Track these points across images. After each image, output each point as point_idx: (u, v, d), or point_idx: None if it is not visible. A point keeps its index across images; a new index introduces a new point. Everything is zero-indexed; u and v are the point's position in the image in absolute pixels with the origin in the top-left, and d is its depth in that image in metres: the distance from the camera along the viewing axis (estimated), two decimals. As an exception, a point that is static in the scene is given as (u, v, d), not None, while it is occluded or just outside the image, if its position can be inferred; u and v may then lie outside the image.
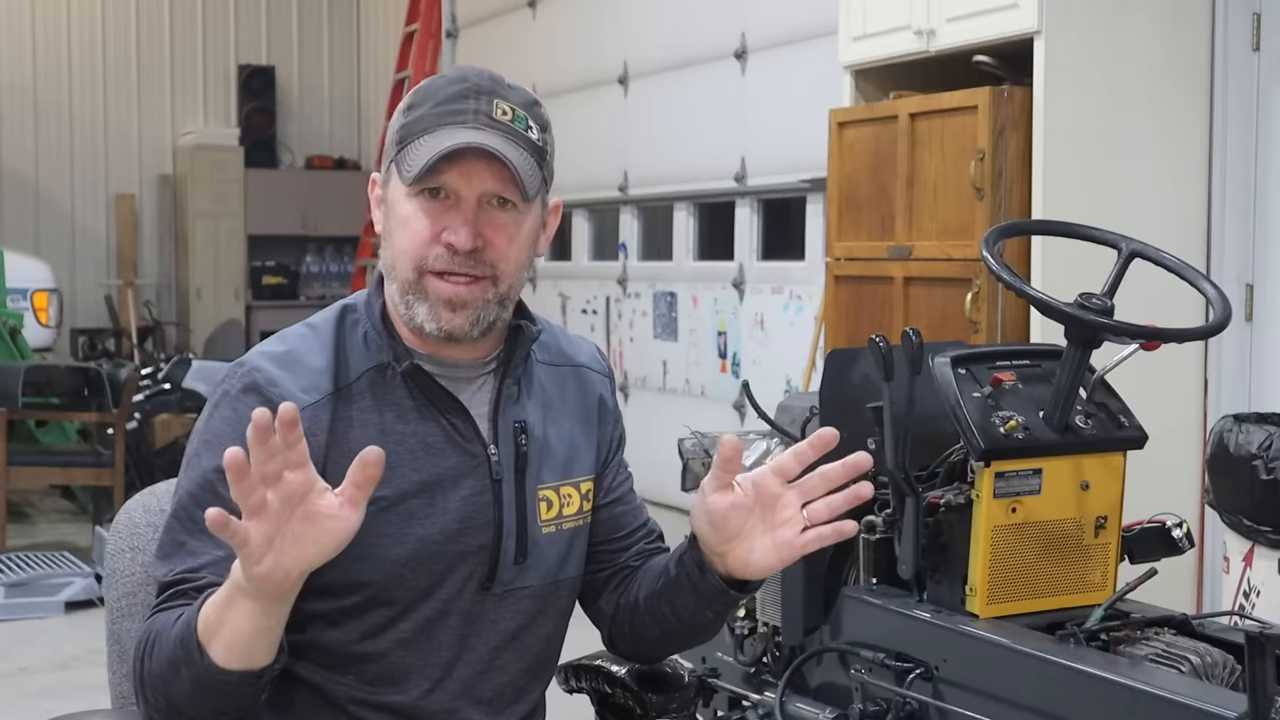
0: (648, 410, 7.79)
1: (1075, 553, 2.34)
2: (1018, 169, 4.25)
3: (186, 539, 1.67)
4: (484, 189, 1.70)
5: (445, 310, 1.71)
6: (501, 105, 1.73)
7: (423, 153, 1.68)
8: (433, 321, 1.71)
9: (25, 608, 5.78)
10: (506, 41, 9.66)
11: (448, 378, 1.77)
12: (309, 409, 1.69)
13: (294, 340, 1.77)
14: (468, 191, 1.70)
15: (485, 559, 1.76)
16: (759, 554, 1.68)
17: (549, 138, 1.78)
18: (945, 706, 2.21)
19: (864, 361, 2.46)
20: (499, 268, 1.72)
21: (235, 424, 1.68)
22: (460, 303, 1.71)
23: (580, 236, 8.97)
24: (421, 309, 1.72)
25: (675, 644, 1.93)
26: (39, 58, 11.94)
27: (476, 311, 1.72)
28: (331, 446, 1.70)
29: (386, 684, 1.74)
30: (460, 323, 1.71)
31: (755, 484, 1.66)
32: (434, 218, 1.70)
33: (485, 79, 1.76)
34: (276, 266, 12.29)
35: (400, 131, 1.74)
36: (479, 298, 1.71)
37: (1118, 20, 4.33)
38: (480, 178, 1.70)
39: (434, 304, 1.71)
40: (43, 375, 7.38)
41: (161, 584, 1.67)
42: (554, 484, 1.82)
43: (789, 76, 6.76)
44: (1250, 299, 4.41)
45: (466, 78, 1.76)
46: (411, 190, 1.71)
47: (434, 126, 1.70)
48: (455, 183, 1.70)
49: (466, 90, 1.73)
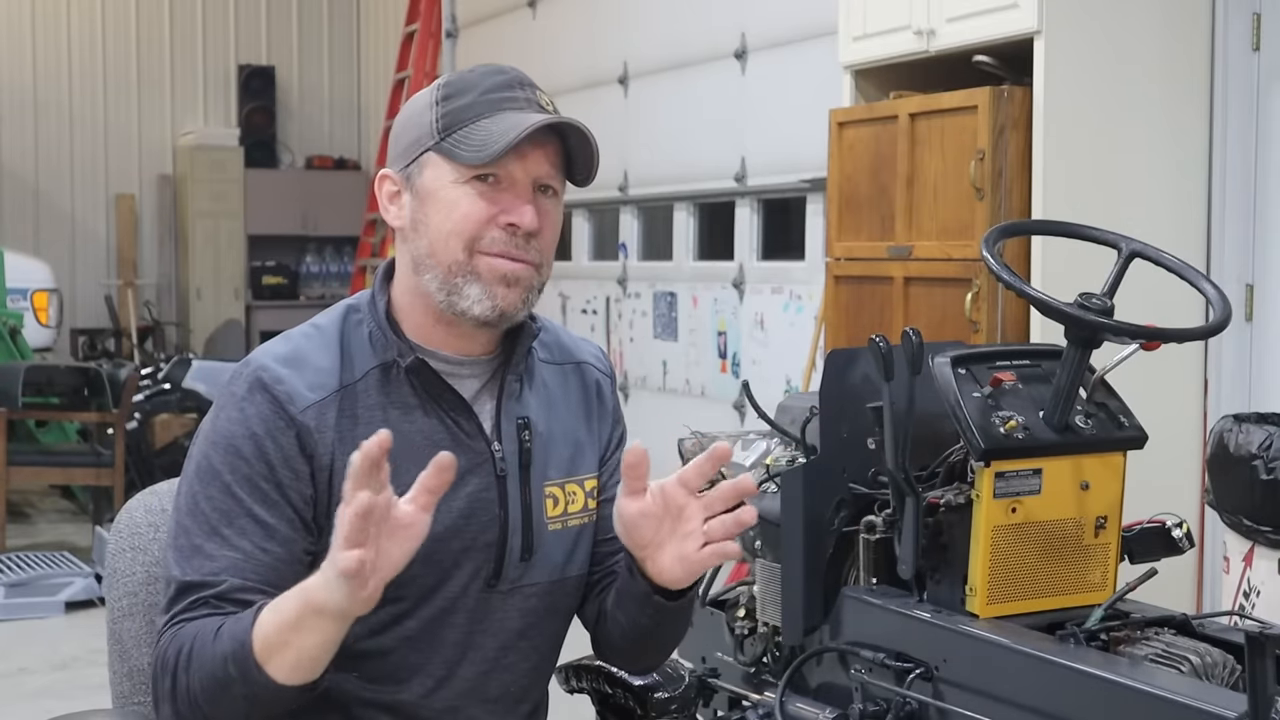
0: (648, 410, 7.79)
1: (1075, 553, 2.33)
2: (1018, 169, 4.25)
3: (202, 542, 1.66)
4: (537, 174, 1.73)
5: (501, 286, 1.72)
6: (543, 96, 1.77)
7: (491, 134, 1.70)
8: (487, 299, 1.72)
9: (25, 608, 5.78)
10: (506, 41, 9.65)
11: (451, 375, 1.77)
12: (314, 406, 1.70)
13: (299, 340, 1.77)
14: (523, 175, 1.72)
15: (491, 556, 1.76)
16: (668, 564, 1.67)
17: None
18: (945, 706, 2.21)
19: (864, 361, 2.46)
20: (545, 254, 1.76)
21: (243, 424, 1.69)
22: (515, 279, 1.72)
23: (580, 236, 8.97)
24: (474, 289, 1.72)
25: (634, 654, 1.91)
26: (39, 58, 11.94)
27: (526, 292, 1.74)
28: (338, 444, 1.70)
29: (391, 682, 1.74)
30: (514, 299, 1.73)
31: (664, 493, 1.64)
32: (489, 200, 1.72)
33: (517, 72, 1.79)
34: (276, 266, 12.29)
35: (445, 119, 1.74)
36: (530, 278, 1.74)
37: (1118, 20, 4.33)
38: (534, 162, 1.72)
39: (489, 281, 1.71)
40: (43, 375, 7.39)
41: (179, 586, 1.66)
42: (559, 481, 1.82)
43: (789, 76, 6.76)
44: (1250, 299, 4.41)
45: (503, 70, 1.78)
46: (463, 174, 1.72)
47: (490, 111, 1.72)
48: (512, 166, 1.72)
49: (510, 80, 1.76)
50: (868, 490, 2.46)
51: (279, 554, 1.65)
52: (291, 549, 1.67)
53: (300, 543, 1.67)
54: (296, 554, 1.68)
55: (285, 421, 1.68)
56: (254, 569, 1.64)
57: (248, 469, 1.68)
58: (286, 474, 1.67)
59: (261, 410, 1.69)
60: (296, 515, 1.68)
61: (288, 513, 1.67)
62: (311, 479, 1.69)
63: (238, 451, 1.68)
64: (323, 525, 1.69)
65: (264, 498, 1.66)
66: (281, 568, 1.65)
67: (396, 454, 1.71)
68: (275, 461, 1.67)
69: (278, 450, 1.68)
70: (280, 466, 1.67)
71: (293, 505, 1.68)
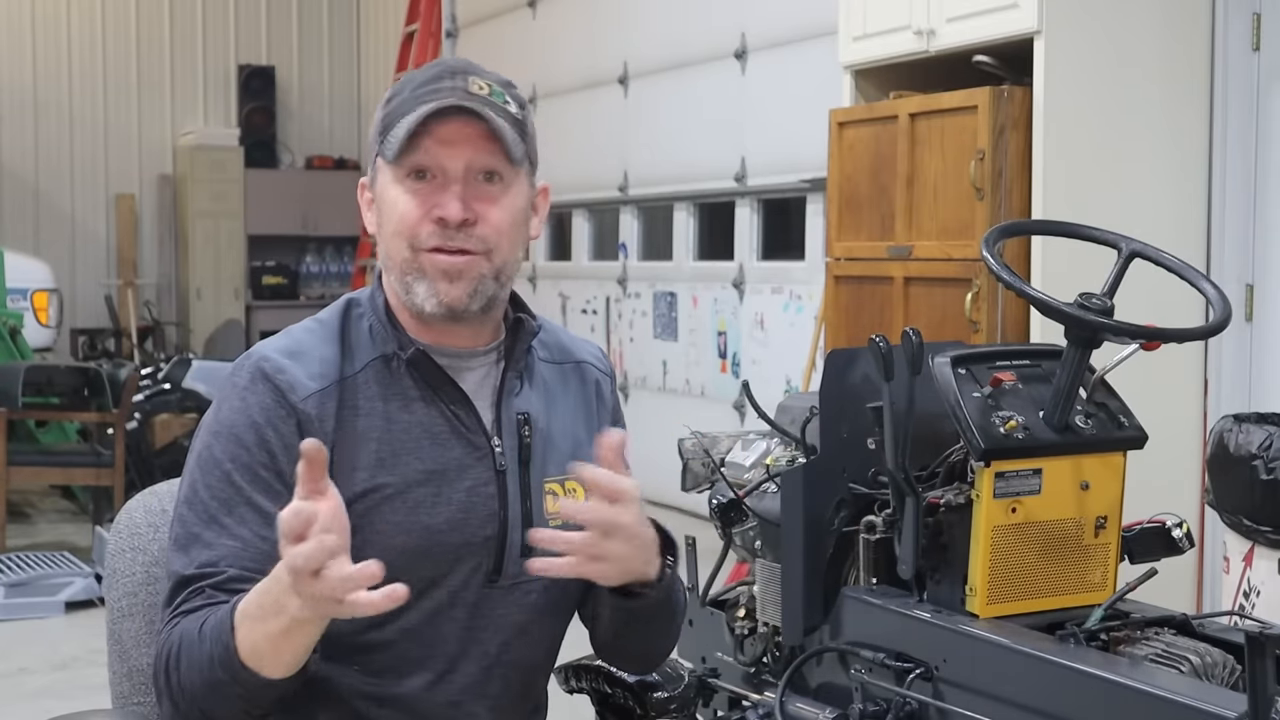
0: (648, 410, 7.79)
1: (1075, 553, 2.33)
2: (1018, 169, 4.25)
3: (200, 530, 1.67)
4: (467, 160, 1.71)
5: (443, 282, 1.71)
6: (478, 81, 1.74)
7: (403, 129, 1.70)
8: (432, 297, 1.72)
9: (25, 608, 5.78)
10: (506, 41, 9.66)
11: (451, 368, 1.77)
12: (315, 395, 1.70)
13: (300, 334, 1.78)
14: (453, 165, 1.71)
15: (491, 551, 1.76)
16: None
17: (528, 116, 1.79)
18: (945, 706, 2.21)
19: (864, 361, 2.46)
20: (490, 241, 1.72)
21: (245, 413, 1.70)
22: (456, 273, 1.71)
23: (580, 236, 8.97)
24: (420, 287, 1.72)
25: (623, 652, 1.93)
26: (39, 58, 11.94)
27: (473, 283, 1.72)
28: (339, 433, 1.71)
29: (391, 675, 1.74)
30: (458, 294, 1.72)
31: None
32: (423, 197, 1.71)
33: (461, 62, 1.79)
34: (276, 266, 12.30)
35: (382, 122, 1.76)
36: (475, 270, 1.72)
37: (1118, 20, 4.33)
38: (463, 148, 1.71)
39: (432, 278, 1.71)
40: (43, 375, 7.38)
41: (179, 578, 1.66)
42: (559, 478, 1.82)
43: (789, 76, 6.76)
44: (1250, 299, 4.42)
45: (443, 62, 1.79)
46: (398, 174, 1.72)
47: (412, 107, 1.72)
48: (439, 155, 1.71)
49: (442, 72, 1.76)
50: (868, 490, 2.46)
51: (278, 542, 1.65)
52: None
53: None
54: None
55: (286, 410, 1.69)
56: (253, 557, 1.65)
57: (248, 457, 1.68)
58: (287, 462, 1.67)
59: (263, 399, 1.70)
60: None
61: (288, 501, 1.67)
62: None
63: (239, 440, 1.69)
64: None
65: (265, 486, 1.67)
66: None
67: (395, 444, 1.72)
68: (276, 450, 1.68)
69: (279, 439, 1.68)
70: (281, 455, 1.68)
71: (293, 493, 1.68)
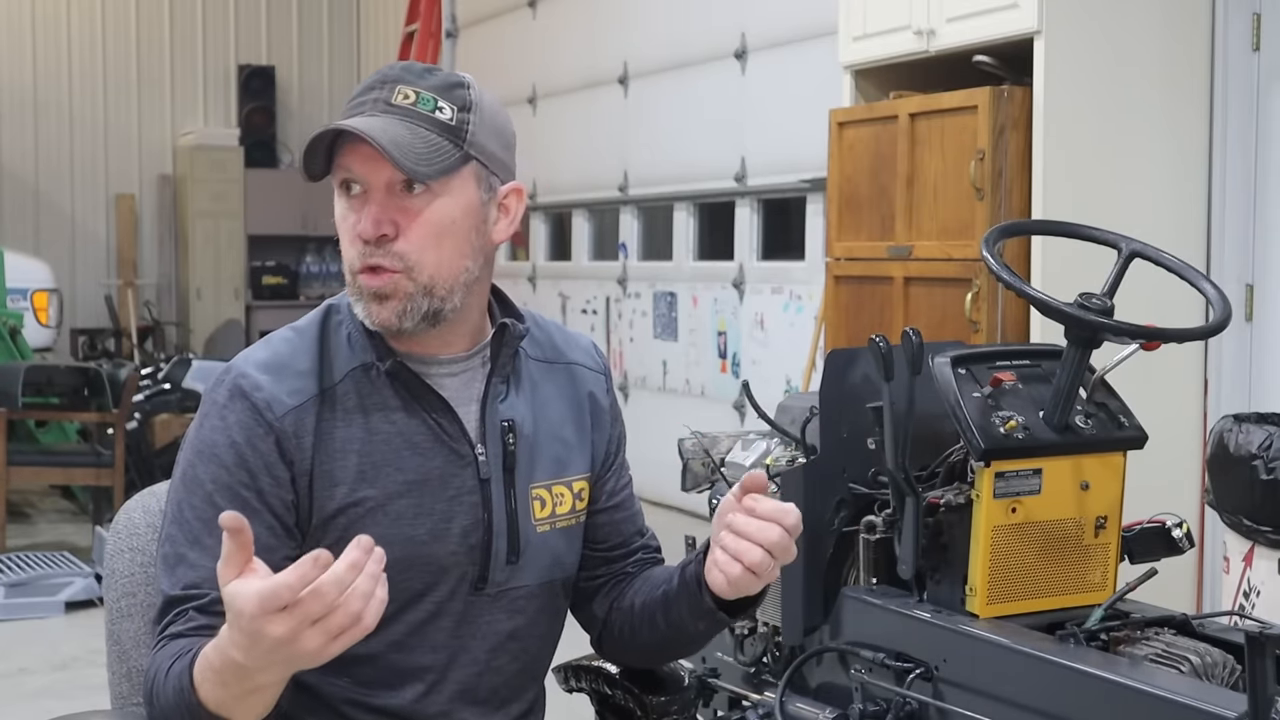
0: (648, 410, 7.80)
1: (1075, 553, 2.33)
2: (1018, 169, 4.25)
3: (185, 550, 1.66)
4: (388, 175, 1.67)
5: (373, 304, 1.69)
6: (404, 90, 1.70)
7: (322, 145, 1.68)
8: (367, 318, 1.70)
9: (25, 608, 5.78)
10: (506, 41, 9.66)
11: (431, 376, 1.76)
12: (294, 412, 1.69)
13: (278, 344, 1.76)
14: (375, 179, 1.68)
15: (476, 560, 1.75)
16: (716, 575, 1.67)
17: (472, 118, 1.72)
18: (945, 706, 2.21)
19: (864, 361, 2.46)
20: (410, 258, 1.68)
21: (224, 432, 1.69)
22: (383, 295, 1.69)
23: (580, 236, 8.97)
24: (359, 307, 1.71)
25: (664, 652, 1.93)
26: (39, 58, 11.94)
27: (401, 303, 1.69)
28: (318, 449, 1.69)
29: (382, 686, 1.74)
30: (386, 315, 1.69)
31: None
32: (354, 214, 1.70)
33: (397, 69, 1.74)
34: (276, 266, 12.29)
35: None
36: (399, 289, 1.68)
37: (1118, 20, 4.33)
38: (379, 163, 1.67)
39: (365, 299, 1.70)
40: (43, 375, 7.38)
41: (166, 600, 1.65)
42: (546, 483, 1.81)
43: (789, 76, 6.76)
44: (1250, 299, 4.41)
45: (379, 71, 1.75)
46: (338, 189, 1.71)
47: (339, 120, 1.70)
48: (361, 171, 1.68)
49: (374, 82, 1.73)
50: (868, 490, 2.46)
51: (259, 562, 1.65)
52: (271, 557, 1.65)
53: (281, 549, 1.67)
54: (277, 561, 1.66)
55: (264, 428, 1.68)
56: None
57: (229, 477, 1.67)
58: (267, 481, 1.67)
59: (241, 418, 1.68)
60: (278, 522, 1.68)
61: (268, 520, 1.67)
62: (292, 484, 1.69)
63: (219, 460, 1.68)
64: (304, 530, 1.69)
65: (245, 505, 1.64)
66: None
67: (376, 456, 1.70)
68: (256, 469, 1.67)
69: (258, 457, 1.67)
70: (261, 474, 1.67)
71: (274, 512, 1.67)
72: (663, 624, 1.82)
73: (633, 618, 1.87)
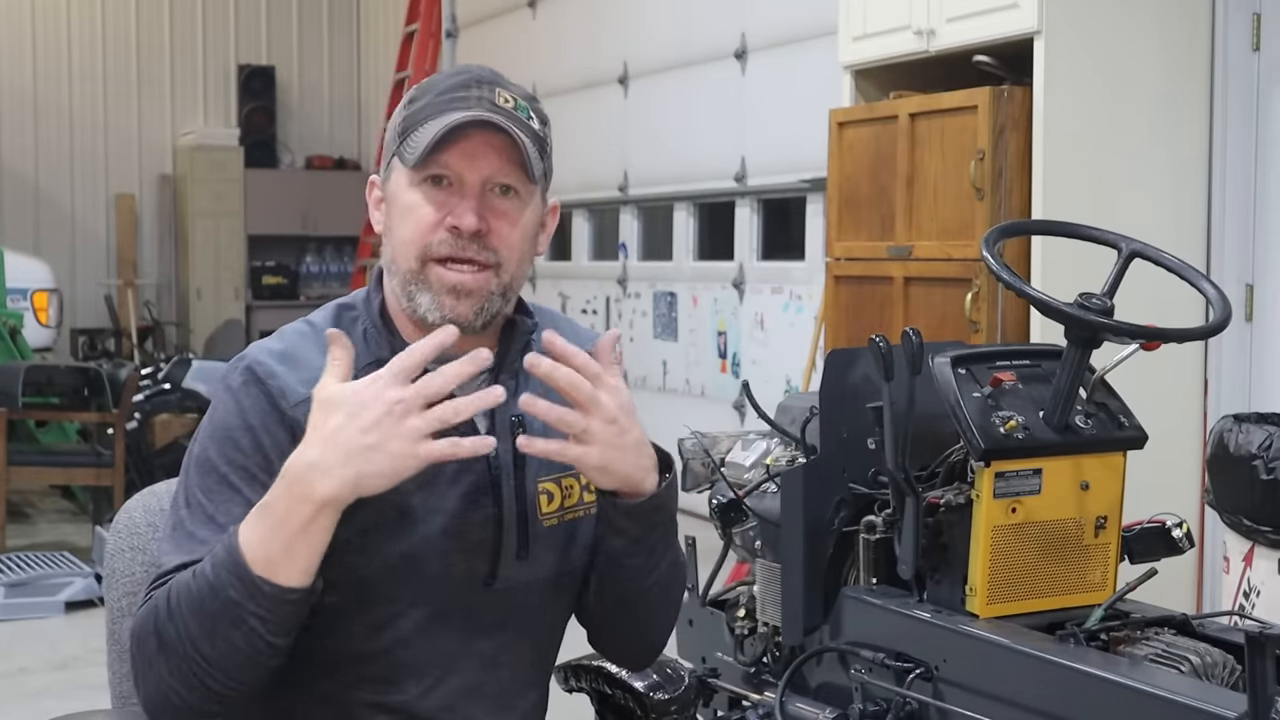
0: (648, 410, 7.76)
1: (1075, 553, 2.33)
2: (1018, 169, 4.26)
3: (196, 528, 1.66)
4: (487, 173, 1.70)
5: (449, 298, 1.70)
6: (504, 94, 1.74)
7: (427, 135, 1.69)
8: (436, 310, 1.70)
9: (25, 608, 5.78)
10: (506, 41, 9.66)
11: None
12: (307, 401, 1.68)
13: (292, 337, 1.77)
14: (471, 175, 1.70)
15: (486, 555, 1.75)
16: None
17: (549, 133, 1.79)
18: (945, 706, 2.21)
19: (864, 361, 2.46)
20: (502, 254, 1.71)
21: (239, 415, 1.69)
22: (465, 290, 1.70)
23: (580, 236, 8.97)
24: (424, 298, 1.71)
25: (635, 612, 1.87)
26: (39, 58, 11.95)
27: (480, 301, 1.71)
28: None
29: (388, 683, 1.74)
30: (464, 310, 1.71)
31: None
32: (438, 204, 1.70)
33: (487, 72, 1.78)
34: (276, 266, 12.30)
35: (403, 124, 1.74)
36: (483, 286, 1.71)
37: (1118, 20, 4.33)
38: (483, 160, 1.70)
39: (437, 292, 1.70)
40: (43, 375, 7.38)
41: (170, 566, 1.65)
42: (554, 476, 1.82)
43: (789, 76, 6.77)
44: (1250, 299, 4.42)
45: (469, 70, 1.78)
46: (415, 179, 1.71)
47: (437, 113, 1.70)
48: (459, 166, 1.70)
49: (469, 80, 1.75)
50: (868, 490, 2.46)
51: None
52: None
53: None
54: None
55: (278, 416, 1.69)
56: None
57: (244, 460, 1.68)
58: (281, 466, 1.67)
59: (257, 403, 1.69)
60: None
61: None
62: None
63: (235, 443, 1.68)
64: None
65: (262, 487, 1.66)
66: None
67: None
68: (271, 454, 1.67)
69: (273, 443, 1.68)
70: (276, 459, 1.67)
71: None
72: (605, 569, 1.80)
73: (601, 589, 1.84)
